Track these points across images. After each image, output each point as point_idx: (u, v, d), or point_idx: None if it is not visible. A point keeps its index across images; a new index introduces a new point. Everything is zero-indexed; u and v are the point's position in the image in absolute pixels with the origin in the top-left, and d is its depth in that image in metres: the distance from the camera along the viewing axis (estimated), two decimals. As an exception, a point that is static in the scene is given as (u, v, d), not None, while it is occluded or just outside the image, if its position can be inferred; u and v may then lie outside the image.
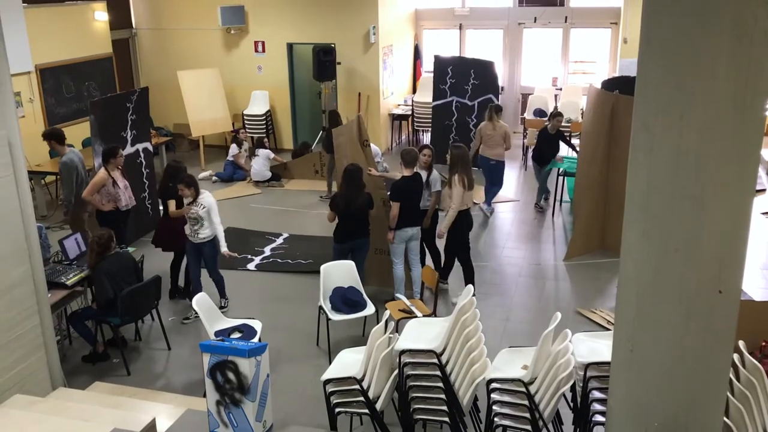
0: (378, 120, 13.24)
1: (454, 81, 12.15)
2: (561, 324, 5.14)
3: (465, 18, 14.63)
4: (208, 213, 6.91)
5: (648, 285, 3.21)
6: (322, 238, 8.87)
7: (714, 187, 2.94)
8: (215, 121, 12.90)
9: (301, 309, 7.32)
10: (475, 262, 8.41)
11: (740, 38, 2.71)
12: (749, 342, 4.41)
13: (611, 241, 8.41)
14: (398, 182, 7.03)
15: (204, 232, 6.94)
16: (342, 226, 6.95)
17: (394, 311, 6.33)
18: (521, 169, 12.39)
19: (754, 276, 7.80)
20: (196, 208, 6.89)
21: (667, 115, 2.89)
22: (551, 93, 14.07)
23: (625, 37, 13.21)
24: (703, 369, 3.24)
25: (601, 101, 8.68)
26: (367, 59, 12.95)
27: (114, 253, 6.36)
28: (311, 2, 12.91)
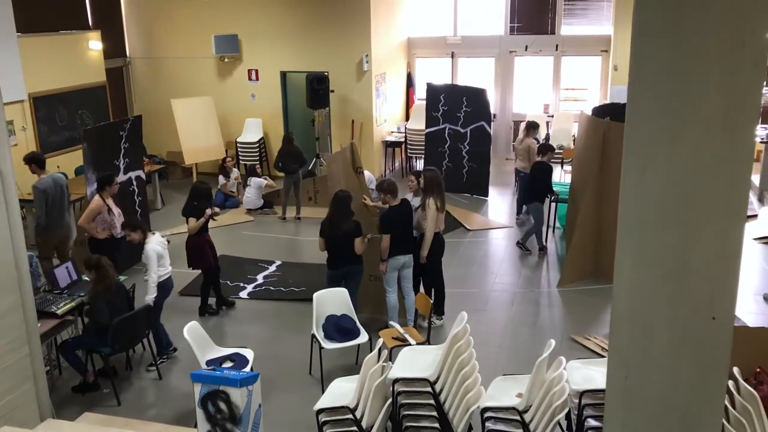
0: (371, 147, 13.28)
1: (446, 108, 12.24)
2: (555, 351, 5.12)
3: (457, 46, 14.78)
4: (147, 259, 6.63)
5: (641, 312, 3.19)
6: (315, 266, 8.84)
7: (705, 213, 2.94)
8: (208, 148, 12.92)
9: (294, 337, 7.26)
10: (468, 288, 8.42)
11: (729, 63, 2.74)
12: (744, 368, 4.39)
13: (604, 267, 8.40)
14: (386, 213, 7.03)
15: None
16: (331, 252, 6.94)
17: (388, 339, 6.29)
18: (514, 195, 12.42)
19: (747, 302, 7.80)
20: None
21: (658, 142, 2.90)
22: (543, 120, 14.16)
23: (615, 64, 13.36)
24: (698, 396, 3.22)
25: (593, 128, 8.74)
26: (361, 87, 13.04)
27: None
28: (305, 31, 13.02)
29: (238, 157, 13.44)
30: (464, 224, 10.78)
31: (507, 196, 12.42)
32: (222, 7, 13.09)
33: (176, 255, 9.57)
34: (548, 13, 14.26)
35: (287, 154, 11.11)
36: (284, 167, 11.07)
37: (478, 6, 14.66)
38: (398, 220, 7.04)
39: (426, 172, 7.48)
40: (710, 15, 2.69)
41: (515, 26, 14.51)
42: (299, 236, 10.60)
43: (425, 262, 7.24)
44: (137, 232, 6.72)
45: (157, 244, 6.74)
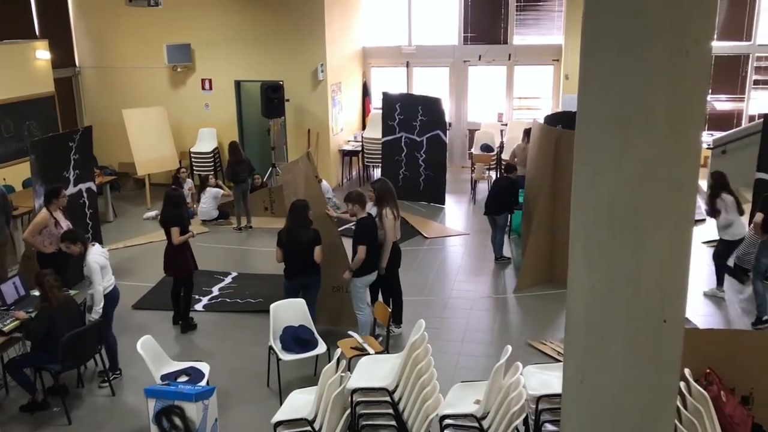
0: (328, 156, 13.26)
1: (402, 117, 12.30)
2: (512, 357, 5.16)
3: (412, 56, 14.88)
4: (90, 272, 6.44)
5: (595, 316, 3.23)
6: (272, 276, 8.75)
7: (655, 218, 3.00)
8: (162, 159, 12.72)
9: (251, 350, 7.17)
10: (426, 296, 8.44)
11: (674, 73, 2.81)
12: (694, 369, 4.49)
13: (559, 273, 8.52)
14: (362, 224, 6.93)
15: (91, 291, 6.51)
16: (289, 262, 6.88)
17: (346, 349, 6.26)
18: (470, 203, 12.53)
19: (697, 304, 8.00)
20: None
21: (608, 149, 2.96)
22: (497, 128, 14.36)
23: (567, 73, 13.62)
24: (651, 398, 3.27)
25: (545, 136, 8.88)
26: (316, 96, 13.01)
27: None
28: (259, 40, 12.95)
29: (192, 167, 13.26)
30: (421, 232, 10.82)
31: (463, 204, 12.53)
32: (174, 16, 12.92)
33: (128, 268, 9.42)
34: (501, 23, 14.47)
35: (236, 163, 11.05)
36: (234, 177, 11.01)
37: (432, 16, 14.79)
38: (369, 233, 6.96)
39: (375, 183, 7.45)
40: (656, 26, 2.76)
41: (469, 36, 14.68)
42: (255, 247, 10.49)
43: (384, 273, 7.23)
44: (77, 244, 6.53)
45: (99, 255, 6.58)
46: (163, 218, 7.62)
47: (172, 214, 7.53)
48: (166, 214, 7.62)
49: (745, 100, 13.85)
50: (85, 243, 6.59)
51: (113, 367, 6.70)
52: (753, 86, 13.78)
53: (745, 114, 13.88)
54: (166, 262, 7.63)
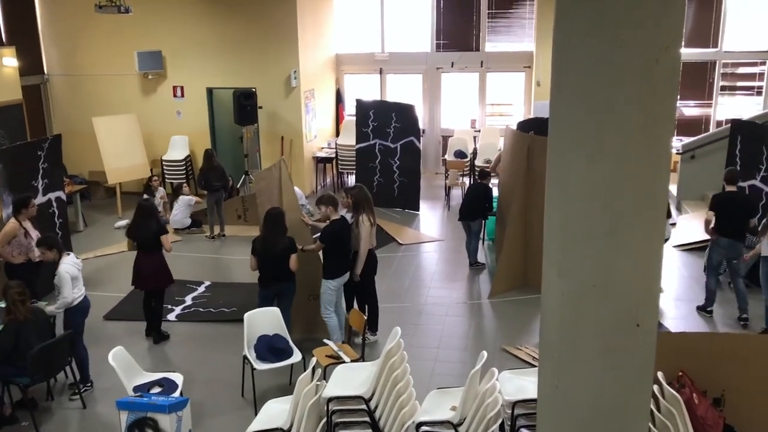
0: (302, 163, 13.21)
1: (376, 124, 12.31)
2: (488, 362, 5.17)
3: (385, 63, 14.91)
4: (60, 281, 6.34)
5: (569, 321, 3.25)
6: (245, 285, 8.68)
7: (627, 222, 3.03)
8: (133, 167, 12.57)
9: (225, 359, 7.09)
10: (401, 303, 8.44)
11: (644, 79, 2.84)
12: (667, 372, 4.54)
13: (533, 278, 8.58)
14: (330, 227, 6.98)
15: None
16: (263, 271, 6.85)
17: (322, 357, 6.22)
18: (444, 209, 12.57)
19: (668, 307, 8.10)
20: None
21: (579, 154, 2.98)
22: (470, 135, 14.44)
23: (538, 80, 13.75)
24: (625, 401, 3.30)
25: (518, 142, 8.95)
26: (289, 103, 12.97)
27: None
28: (231, 47, 12.88)
29: (163, 175, 13.13)
30: (396, 239, 10.82)
31: (438, 210, 12.56)
32: (145, 23, 12.80)
33: (99, 278, 9.27)
34: (473, 30, 14.58)
35: (210, 171, 10.98)
36: (207, 185, 10.93)
37: (404, 23, 14.85)
38: (342, 236, 7.01)
39: (352, 189, 7.47)
40: (625, 34, 2.79)
41: (441, 43, 14.76)
42: (229, 255, 10.40)
43: (359, 280, 7.22)
44: (53, 251, 6.44)
45: (71, 265, 6.47)
46: (130, 230, 7.53)
47: (138, 225, 7.45)
48: (134, 225, 7.53)
49: (713, 106, 14.11)
50: (61, 250, 6.50)
51: (84, 379, 6.59)
52: (720, 92, 14.05)
53: (712, 119, 14.14)
54: (133, 274, 7.53)
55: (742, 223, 7.52)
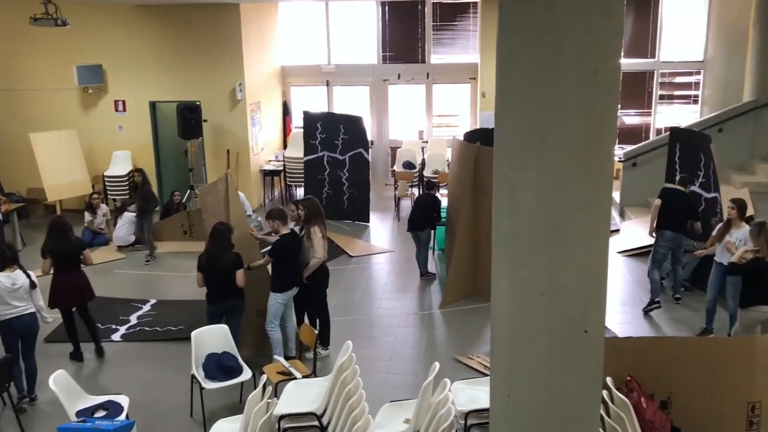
0: (249, 176, 13.06)
1: (324, 136, 12.26)
2: (440, 373, 5.16)
3: (332, 75, 14.90)
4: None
5: (519, 329, 3.27)
6: (192, 302, 8.48)
7: (572, 230, 3.06)
8: (73, 184, 12.22)
9: (173, 379, 6.91)
10: (353, 315, 8.39)
11: (586, 89, 2.89)
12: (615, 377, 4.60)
13: (483, 287, 8.62)
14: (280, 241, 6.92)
15: None
16: (210, 287, 6.71)
17: (272, 374, 6.11)
18: (394, 220, 12.58)
19: (615, 312, 8.25)
20: None
21: (525, 164, 3.01)
22: (418, 146, 14.52)
23: (483, 91, 13.94)
24: (576, 407, 3.32)
25: (465, 152, 9.02)
26: (235, 116, 12.81)
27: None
28: (174, 60, 12.67)
29: (106, 192, 12.79)
30: (347, 251, 10.77)
31: (387, 221, 12.56)
32: (84, 36, 12.47)
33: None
34: (418, 42, 14.70)
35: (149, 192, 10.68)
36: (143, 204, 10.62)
37: (350, 35, 14.87)
38: (292, 250, 6.95)
39: (304, 201, 7.43)
40: (566, 45, 2.84)
41: (388, 55, 14.84)
42: (175, 272, 10.16)
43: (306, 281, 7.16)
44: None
45: (4, 278, 6.26)
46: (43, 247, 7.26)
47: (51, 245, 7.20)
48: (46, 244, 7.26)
49: (652, 115, 14.54)
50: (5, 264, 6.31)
51: (31, 390, 6.44)
52: (659, 101, 14.49)
53: (652, 127, 14.56)
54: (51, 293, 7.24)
55: (684, 218, 7.95)
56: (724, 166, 10.87)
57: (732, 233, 7.16)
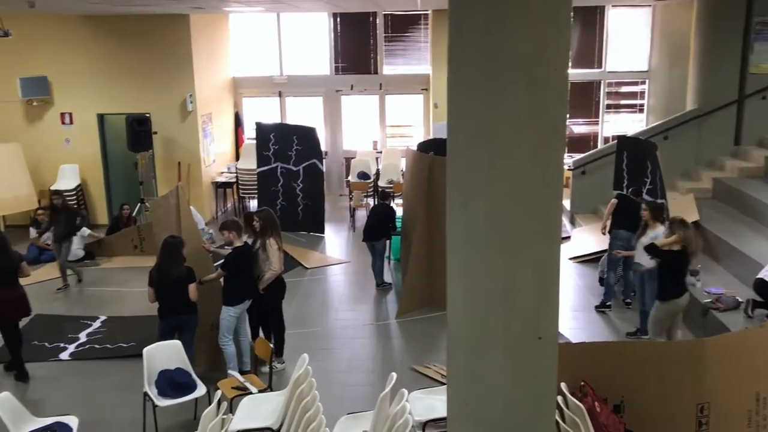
0: (201, 189, 12.89)
1: (277, 147, 12.19)
2: (397, 383, 5.15)
3: (284, 86, 14.84)
4: None
5: (474, 337, 3.29)
6: (144, 318, 8.31)
7: (525, 238, 3.10)
8: (17, 199, 11.86)
9: (124, 397, 6.73)
10: (309, 327, 8.33)
11: (535, 100, 2.93)
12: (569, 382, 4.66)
13: (438, 295, 8.67)
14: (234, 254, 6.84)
15: None
16: (162, 302, 6.58)
17: (227, 389, 6.01)
18: (350, 230, 12.56)
19: (567, 318, 8.38)
20: None
21: (477, 174, 3.03)
22: (373, 156, 14.56)
23: (436, 102, 14.07)
24: (532, 414, 3.35)
25: (418, 162, 9.08)
26: (186, 128, 12.64)
27: None
28: (123, 71, 12.44)
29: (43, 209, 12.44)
30: (302, 263, 10.70)
31: (343, 232, 12.54)
32: (28, 47, 12.16)
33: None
34: (370, 53, 14.76)
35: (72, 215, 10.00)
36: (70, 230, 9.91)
37: (302, 46, 14.85)
38: (245, 262, 6.87)
39: (260, 212, 7.35)
40: (515, 57, 2.88)
41: (340, 66, 14.86)
42: (126, 287, 9.94)
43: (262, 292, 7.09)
44: None
45: None
46: None
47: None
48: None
49: (600, 123, 14.88)
50: None
51: None
52: (606, 110, 14.85)
53: (600, 136, 14.90)
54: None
55: (638, 221, 8.07)
56: (670, 173, 11.20)
57: (647, 234, 7.49)
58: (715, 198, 10.91)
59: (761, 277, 7.23)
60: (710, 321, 7.59)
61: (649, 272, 7.36)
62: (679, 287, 6.66)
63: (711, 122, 11.79)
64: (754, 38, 11.38)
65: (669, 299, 6.63)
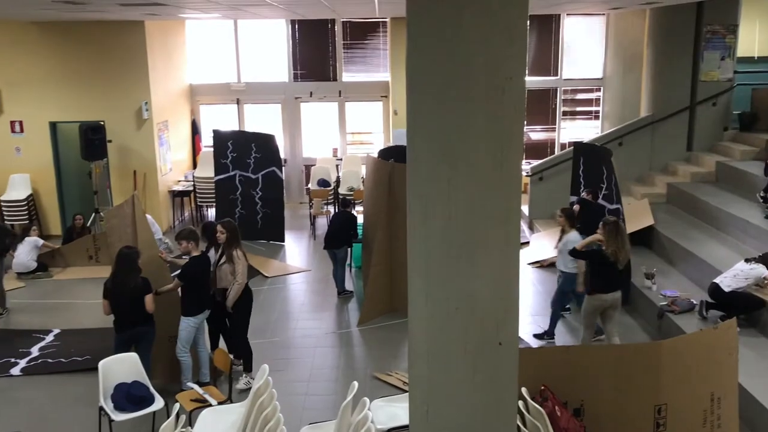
0: (157, 198, 12.66)
1: (235, 155, 12.06)
2: (359, 392, 5.12)
3: (242, 93, 14.71)
4: None
5: (436, 343, 3.28)
6: (99, 331, 8.11)
7: (484, 244, 3.11)
8: (-35, 209, 11.48)
9: (79, 412, 6.55)
10: (269, 338, 8.24)
11: (493, 107, 2.95)
12: (530, 387, 4.69)
13: (400, 303, 8.67)
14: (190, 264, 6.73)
15: None
16: (118, 314, 6.43)
17: (186, 402, 5.90)
18: (310, 238, 12.49)
19: (527, 323, 8.45)
20: None
21: (436, 182, 3.04)
22: (333, 163, 14.51)
23: (395, 109, 14.11)
24: (493, 419, 3.36)
25: (379, 170, 9.08)
26: (141, 136, 12.42)
27: None
28: (76, 79, 12.17)
29: (2, 217, 12.09)
30: (262, 272, 10.58)
31: (303, 240, 12.45)
32: (-25, 53, 11.84)
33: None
34: (329, 60, 14.74)
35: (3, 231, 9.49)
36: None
37: (260, 53, 14.75)
38: (202, 272, 6.76)
39: (225, 224, 7.16)
40: (472, 65, 2.90)
41: (299, 73, 14.80)
42: (80, 299, 9.69)
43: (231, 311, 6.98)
44: None
45: None
46: None
47: None
48: None
49: (557, 130, 15.11)
50: None
51: None
52: (562, 117, 15.09)
53: (557, 142, 15.13)
54: None
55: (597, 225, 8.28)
56: (625, 178, 11.44)
57: (563, 239, 7.92)
58: (669, 202, 11.17)
59: (717, 282, 7.40)
60: (666, 323, 7.74)
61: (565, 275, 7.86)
62: (606, 284, 6.97)
63: (664, 128, 12.08)
64: (704, 47, 11.71)
65: (594, 293, 6.98)
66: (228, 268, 6.91)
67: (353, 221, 9.60)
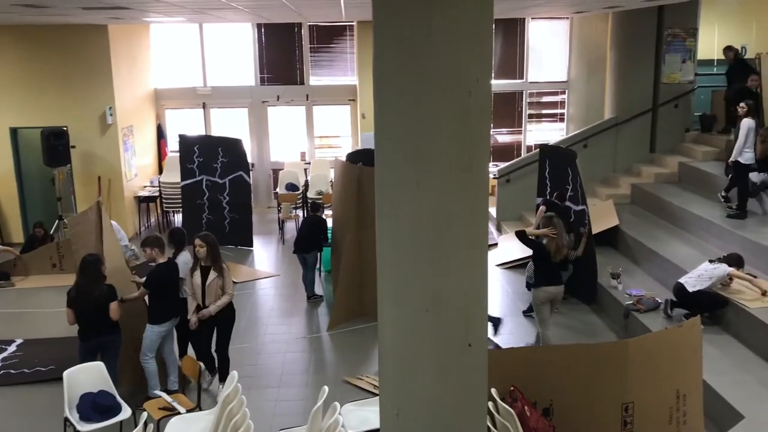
0: (123, 204, 12.48)
1: (202, 160, 11.93)
2: (330, 396, 5.10)
3: (208, 97, 14.58)
4: None
5: (405, 346, 3.29)
6: (64, 340, 7.95)
7: (452, 246, 3.12)
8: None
9: (44, 424, 6.41)
10: (238, 344, 8.16)
11: (459, 110, 2.97)
12: (500, 388, 4.72)
13: (370, 306, 8.66)
14: (155, 271, 6.63)
15: None
16: (82, 323, 6.31)
17: (154, 410, 5.81)
18: (279, 243, 12.42)
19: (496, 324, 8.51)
20: None
21: (405, 184, 3.04)
22: (301, 167, 14.45)
23: (363, 112, 14.11)
24: (464, 421, 3.37)
25: (347, 173, 9.06)
26: (106, 141, 12.24)
27: None
28: (37, 83, 11.94)
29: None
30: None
31: (272, 245, 12.38)
32: (-68, 57, 11.55)
33: None
34: (296, 64, 14.69)
35: None
36: None
37: (226, 57, 14.64)
38: (169, 280, 6.66)
39: (204, 237, 6.86)
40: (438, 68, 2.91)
41: (266, 77, 14.71)
42: (44, 308, 9.49)
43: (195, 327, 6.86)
44: None
45: None
46: None
47: None
48: None
49: (523, 132, 15.27)
50: None
51: None
52: (528, 120, 15.25)
53: (523, 145, 15.28)
54: None
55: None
56: (590, 180, 11.59)
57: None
58: (633, 203, 11.35)
59: (682, 283, 7.52)
60: (632, 322, 7.86)
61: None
62: (548, 277, 7.40)
63: (628, 130, 12.28)
64: (665, 50, 11.95)
65: (538, 286, 7.42)
66: (218, 282, 6.75)
67: (323, 225, 9.57)
